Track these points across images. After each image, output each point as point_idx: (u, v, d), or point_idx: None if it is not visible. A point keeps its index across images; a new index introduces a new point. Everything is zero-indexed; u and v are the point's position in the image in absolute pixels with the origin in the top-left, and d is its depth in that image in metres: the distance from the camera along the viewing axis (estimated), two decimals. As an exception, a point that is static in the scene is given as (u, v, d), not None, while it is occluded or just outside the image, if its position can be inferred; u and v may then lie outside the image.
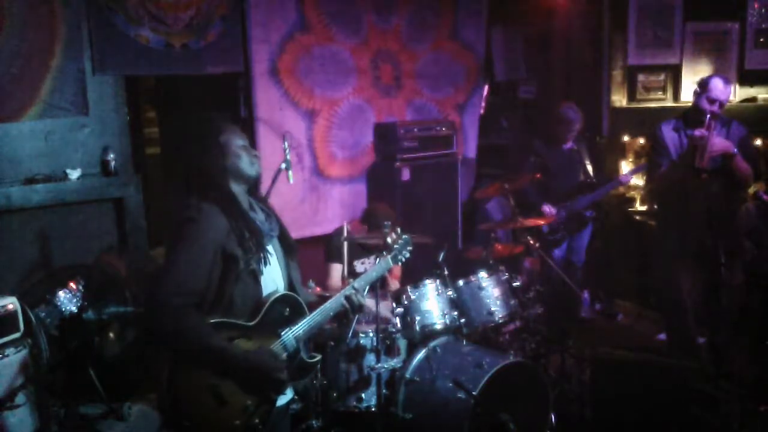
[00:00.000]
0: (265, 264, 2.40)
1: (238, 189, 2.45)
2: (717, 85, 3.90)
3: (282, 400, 2.46)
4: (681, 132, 4.05)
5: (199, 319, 2.22)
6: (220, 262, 2.28)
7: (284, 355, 2.41)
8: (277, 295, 2.43)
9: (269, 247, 2.47)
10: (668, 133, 4.09)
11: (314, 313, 2.52)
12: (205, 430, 2.23)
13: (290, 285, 2.55)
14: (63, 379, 4.00)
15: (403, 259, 3.00)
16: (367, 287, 2.79)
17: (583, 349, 4.58)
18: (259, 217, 2.47)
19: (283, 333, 2.42)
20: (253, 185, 2.53)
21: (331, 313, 2.59)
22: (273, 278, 2.47)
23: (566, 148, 5.29)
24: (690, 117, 4.03)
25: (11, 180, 4.27)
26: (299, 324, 2.47)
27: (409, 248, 3.02)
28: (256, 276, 2.37)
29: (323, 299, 2.62)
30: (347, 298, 2.60)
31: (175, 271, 2.22)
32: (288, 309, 2.46)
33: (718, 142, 3.82)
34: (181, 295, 2.19)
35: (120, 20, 4.50)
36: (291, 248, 2.60)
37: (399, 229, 3.04)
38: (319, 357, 2.61)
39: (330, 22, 5.43)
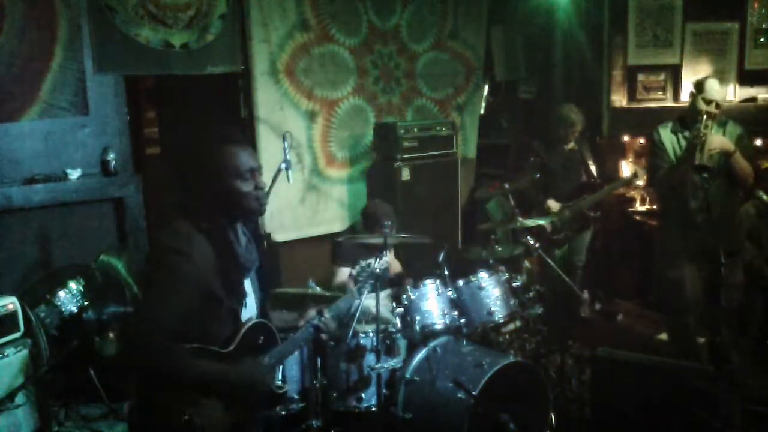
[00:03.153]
0: (244, 304, 2.31)
1: (232, 220, 2.27)
2: (713, 86, 3.93)
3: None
4: (679, 134, 4.06)
5: (177, 349, 2.12)
6: (204, 300, 2.16)
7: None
8: (252, 323, 2.34)
9: (247, 281, 2.36)
10: (666, 136, 4.10)
11: (285, 343, 2.46)
12: None
13: (263, 310, 2.46)
14: (63, 379, 4.00)
15: (366, 291, 2.99)
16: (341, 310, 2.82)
17: (583, 349, 4.58)
18: (243, 248, 2.31)
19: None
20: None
21: (302, 343, 2.56)
22: (250, 310, 2.38)
23: (566, 148, 5.28)
24: (687, 119, 4.04)
25: (11, 180, 4.28)
26: (271, 352, 2.39)
27: (372, 281, 3.00)
28: (235, 313, 2.28)
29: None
30: (316, 328, 2.53)
31: (157, 308, 2.09)
32: (262, 337, 2.38)
33: (716, 139, 3.86)
34: (161, 331, 2.07)
35: (120, 20, 4.50)
36: (263, 275, 2.47)
37: (363, 262, 3.05)
38: (286, 387, 2.51)
39: (330, 22, 5.43)
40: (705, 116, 3.84)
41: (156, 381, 2.14)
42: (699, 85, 3.98)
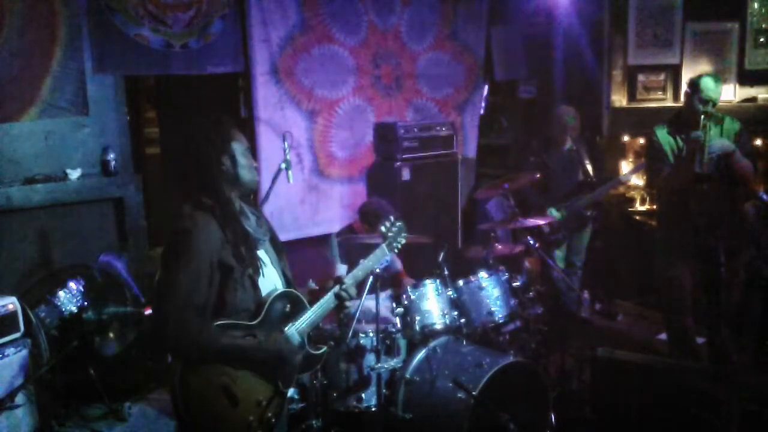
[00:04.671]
0: (261, 272, 2.41)
1: (232, 194, 2.43)
2: (708, 85, 3.83)
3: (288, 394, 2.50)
4: (676, 135, 4.02)
5: (208, 326, 2.24)
6: (218, 272, 2.28)
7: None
8: (277, 292, 2.45)
9: (262, 251, 2.48)
10: (664, 137, 4.05)
11: (315, 306, 2.57)
12: (221, 431, 2.28)
13: (288, 283, 2.58)
14: (63, 379, 4.01)
15: (399, 246, 3.02)
16: (367, 277, 2.91)
17: (583, 349, 4.58)
18: (251, 222, 2.46)
19: (286, 328, 2.44)
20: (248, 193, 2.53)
21: (332, 305, 2.63)
22: (271, 280, 2.49)
23: (565, 148, 5.28)
24: (684, 118, 4.00)
25: (11, 180, 4.28)
26: (301, 318, 2.50)
27: (404, 235, 3.04)
28: (254, 281, 2.38)
29: (323, 291, 2.67)
30: (336, 295, 2.65)
31: (179, 289, 2.20)
32: (289, 305, 2.49)
33: (716, 143, 3.81)
34: (189, 311, 2.20)
35: (120, 20, 4.50)
36: (281, 250, 2.63)
37: (392, 217, 3.07)
38: (324, 348, 2.64)
39: (330, 22, 5.43)
40: (702, 117, 3.79)
41: (189, 358, 2.22)
42: (694, 85, 3.90)
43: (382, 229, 3.01)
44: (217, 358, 2.24)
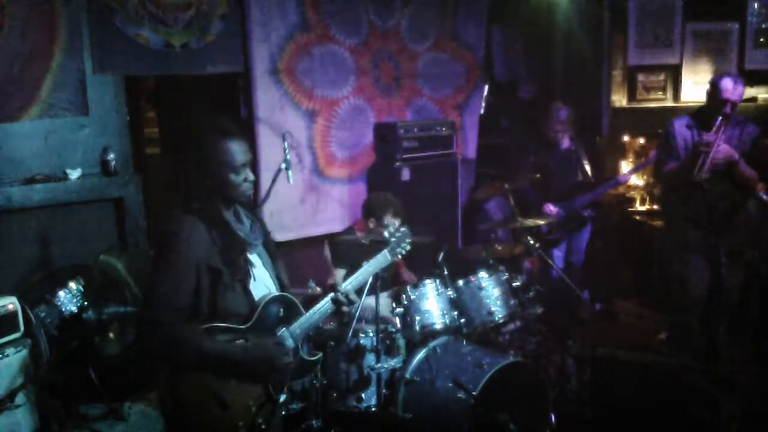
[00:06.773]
0: (251, 276, 2.39)
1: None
2: (727, 86, 3.82)
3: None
4: (693, 130, 4.01)
5: (190, 328, 2.22)
6: (206, 276, 2.26)
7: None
8: (271, 296, 2.43)
9: (255, 255, 2.46)
10: (680, 130, 4.04)
11: (311, 311, 2.54)
12: None
13: (282, 287, 2.56)
14: (63, 379, 4.01)
15: (403, 252, 2.95)
16: (367, 281, 2.84)
17: (583, 349, 4.59)
18: (244, 226, 2.45)
19: (279, 333, 2.42)
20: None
21: (329, 311, 2.60)
22: (264, 283, 2.47)
23: (564, 148, 5.29)
24: (703, 116, 3.98)
25: (11, 180, 4.27)
26: (296, 323, 2.48)
27: (408, 240, 2.97)
28: (244, 285, 2.36)
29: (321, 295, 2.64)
30: (333, 301, 2.59)
31: (160, 290, 2.21)
32: (283, 309, 2.46)
33: (723, 149, 3.79)
34: (168, 312, 2.19)
35: (120, 20, 4.50)
36: (275, 254, 2.60)
37: (397, 222, 3.02)
38: (320, 355, 2.63)
39: (330, 22, 5.43)
40: (719, 119, 3.76)
41: (177, 364, 2.21)
42: (713, 85, 3.89)
43: (386, 234, 2.95)
44: (203, 363, 2.22)
